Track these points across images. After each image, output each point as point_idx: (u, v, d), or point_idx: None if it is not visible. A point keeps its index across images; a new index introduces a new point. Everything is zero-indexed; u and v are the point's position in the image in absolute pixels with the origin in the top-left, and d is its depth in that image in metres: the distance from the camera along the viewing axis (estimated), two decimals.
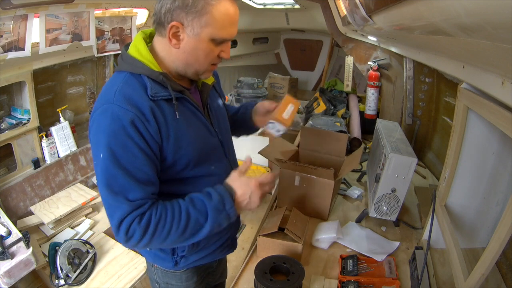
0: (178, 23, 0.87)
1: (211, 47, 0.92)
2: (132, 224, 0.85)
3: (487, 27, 0.42)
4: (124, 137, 0.85)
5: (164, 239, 0.89)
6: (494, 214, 1.11)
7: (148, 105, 0.88)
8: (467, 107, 1.07)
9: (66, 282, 1.83)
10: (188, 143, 0.96)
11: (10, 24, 1.80)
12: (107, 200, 0.87)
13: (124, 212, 0.85)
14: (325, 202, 1.55)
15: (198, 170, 1.02)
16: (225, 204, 0.93)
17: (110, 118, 0.85)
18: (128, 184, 0.86)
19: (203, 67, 0.96)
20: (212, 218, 0.92)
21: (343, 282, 1.17)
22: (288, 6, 3.37)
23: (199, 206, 0.92)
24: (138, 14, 2.66)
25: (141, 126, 0.86)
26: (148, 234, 0.87)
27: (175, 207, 0.91)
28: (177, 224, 0.89)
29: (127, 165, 0.86)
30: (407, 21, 0.75)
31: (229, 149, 1.16)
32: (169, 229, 0.88)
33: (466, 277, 0.91)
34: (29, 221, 2.14)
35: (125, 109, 0.85)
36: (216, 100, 1.15)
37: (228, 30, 0.91)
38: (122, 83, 0.90)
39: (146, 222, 0.86)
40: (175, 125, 0.93)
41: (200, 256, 1.13)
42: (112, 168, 0.85)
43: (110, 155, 0.84)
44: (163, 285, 1.18)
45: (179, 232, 0.89)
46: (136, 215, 0.86)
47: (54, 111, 2.48)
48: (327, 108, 2.77)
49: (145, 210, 0.87)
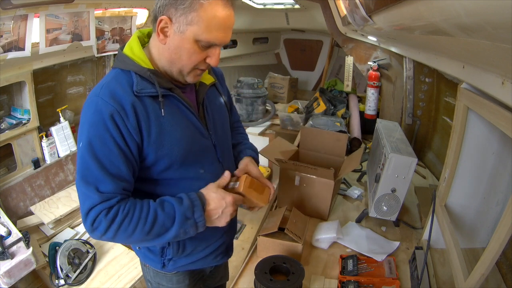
0: (167, 18, 0.87)
1: (195, 49, 0.89)
2: (99, 216, 0.87)
3: (487, 27, 0.42)
4: (102, 130, 0.87)
5: (128, 236, 0.90)
6: (494, 214, 1.11)
7: (130, 100, 0.89)
8: (467, 107, 1.07)
9: (66, 282, 1.83)
10: (173, 142, 0.95)
11: (10, 24, 1.80)
12: (80, 188, 0.89)
13: (93, 202, 0.87)
14: (325, 202, 1.55)
15: (185, 172, 1.00)
16: (194, 212, 0.93)
17: (93, 110, 0.88)
18: (100, 176, 0.87)
19: (186, 68, 0.94)
20: (178, 223, 0.92)
21: (343, 282, 1.17)
22: (288, 6, 3.37)
23: (168, 210, 0.92)
24: (138, 14, 2.66)
25: (119, 121, 0.87)
26: (113, 228, 0.88)
27: (144, 206, 0.91)
28: (143, 223, 0.89)
29: (102, 158, 0.87)
30: (407, 21, 0.75)
31: (224, 153, 1.12)
32: (134, 227, 0.89)
33: (466, 277, 0.91)
34: (29, 221, 2.14)
35: (107, 102, 0.87)
36: (216, 101, 1.12)
37: (215, 33, 0.88)
38: (110, 78, 0.92)
39: (112, 216, 0.87)
40: (159, 122, 0.92)
41: (190, 261, 1.11)
42: (88, 158, 0.87)
43: (88, 145, 0.87)
44: (155, 284, 1.18)
45: (144, 232, 0.90)
46: (104, 208, 0.87)
47: (54, 111, 2.48)
48: (327, 108, 2.77)
49: (113, 204, 0.88)
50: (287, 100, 3.72)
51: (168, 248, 1.06)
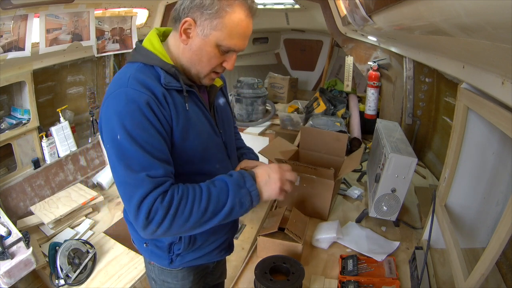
0: (191, 20, 0.90)
1: (215, 52, 0.93)
2: (155, 204, 0.83)
3: (487, 27, 0.42)
4: (140, 117, 0.86)
5: (185, 220, 0.86)
6: (494, 214, 1.11)
7: (161, 90, 0.90)
8: (467, 107, 1.07)
9: (66, 282, 1.83)
10: (196, 136, 0.97)
11: (10, 24, 1.80)
12: (125, 180, 0.85)
13: (146, 189, 0.83)
14: (325, 202, 1.55)
15: (204, 166, 1.03)
16: (245, 181, 0.94)
17: (125, 100, 0.86)
18: (147, 162, 0.85)
19: (204, 70, 0.98)
20: (233, 193, 0.91)
21: (343, 282, 1.17)
22: (288, 6, 3.37)
23: (220, 184, 0.92)
24: (138, 14, 2.66)
25: (156, 107, 0.87)
26: (170, 215, 0.84)
27: (196, 186, 0.91)
28: (199, 202, 0.87)
29: (145, 144, 0.85)
30: (407, 21, 0.75)
31: (232, 151, 1.17)
32: (190, 208, 0.86)
33: (466, 277, 0.91)
34: (29, 221, 2.14)
35: (140, 91, 0.87)
36: (222, 102, 1.17)
37: (236, 40, 0.92)
38: (135, 71, 0.92)
39: (169, 201, 0.84)
40: (184, 115, 0.95)
41: (196, 255, 1.13)
42: (130, 148, 0.84)
43: (127, 135, 0.84)
44: (160, 282, 1.19)
45: (201, 211, 0.87)
46: (159, 193, 0.84)
47: (54, 111, 2.48)
48: (327, 108, 2.77)
49: (167, 188, 0.86)
50: (287, 100, 3.72)
51: (177, 243, 1.08)
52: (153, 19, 2.82)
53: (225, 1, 0.88)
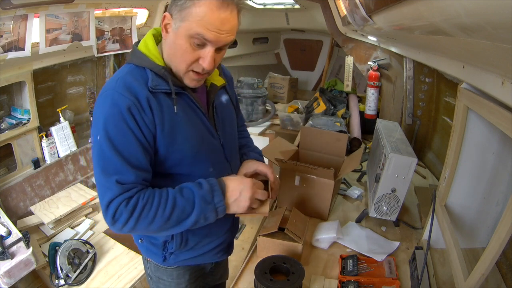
0: (169, 15, 0.90)
1: (186, 46, 0.89)
2: (120, 207, 0.87)
3: (487, 27, 0.42)
4: (120, 122, 0.88)
5: (149, 223, 0.90)
6: (494, 214, 1.11)
7: (145, 94, 0.91)
8: (467, 107, 1.07)
9: (66, 282, 1.83)
10: (184, 139, 0.96)
11: (10, 24, 1.80)
12: (100, 180, 0.90)
13: (114, 194, 0.88)
14: (325, 202, 1.55)
15: (195, 169, 1.01)
16: (214, 197, 0.94)
17: (110, 104, 0.89)
18: (121, 167, 0.88)
19: (180, 67, 0.94)
20: (199, 207, 0.92)
21: (343, 282, 1.17)
22: (288, 6, 3.37)
23: (187, 195, 0.93)
24: (138, 14, 2.66)
25: (136, 113, 0.89)
26: (134, 217, 0.88)
27: (163, 193, 0.92)
28: (163, 209, 0.90)
29: (122, 149, 0.88)
30: (407, 21, 0.75)
31: (232, 153, 1.14)
32: (154, 214, 0.89)
33: (466, 277, 0.91)
34: (29, 221, 2.14)
35: (123, 95, 0.88)
36: (225, 103, 1.14)
37: (203, 30, 0.86)
38: (125, 73, 0.94)
39: (133, 205, 0.88)
40: (172, 118, 0.94)
41: (191, 255, 1.12)
42: (107, 150, 0.88)
43: (106, 138, 0.88)
44: (155, 279, 1.19)
45: (164, 218, 0.90)
46: (124, 198, 0.88)
47: (54, 111, 2.48)
48: (327, 108, 2.77)
49: (133, 194, 0.89)
50: (287, 100, 3.72)
51: (170, 242, 1.07)
52: (153, 19, 2.82)
53: None
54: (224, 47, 0.94)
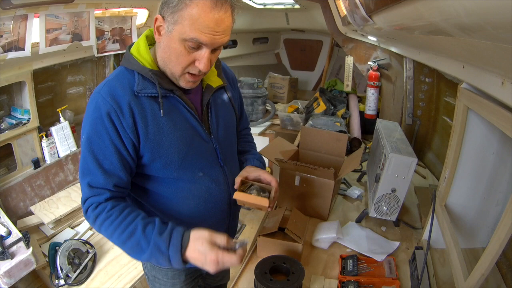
0: (161, 17, 0.89)
1: (181, 49, 0.88)
2: (89, 209, 0.93)
3: (487, 27, 0.42)
4: (99, 126, 0.90)
5: (109, 236, 0.93)
6: (494, 214, 1.11)
7: (127, 100, 0.91)
8: (467, 107, 1.07)
9: (66, 282, 1.83)
10: (170, 143, 0.95)
11: (10, 24, 1.80)
12: (80, 179, 0.96)
13: (86, 195, 0.93)
14: (325, 202, 1.55)
15: (183, 173, 0.99)
16: (169, 249, 0.86)
17: (93, 107, 0.91)
18: (93, 169, 0.91)
19: (176, 70, 0.92)
20: (150, 251, 0.87)
21: (343, 282, 1.17)
22: (288, 6, 3.37)
23: (148, 232, 0.88)
24: (138, 14, 2.66)
25: (115, 119, 0.90)
26: (97, 223, 0.92)
27: (129, 216, 0.90)
28: (120, 232, 0.89)
29: (97, 152, 0.91)
30: (407, 21, 0.75)
31: (226, 158, 1.09)
32: (112, 231, 0.90)
33: (466, 277, 0.91)
34: (29, 221, 2.14)
35: (105, 100, 0.90)
36: (223, 104, 1.10)
37: (197, 33, 0.84)
38: (113, 76, 0.95)
39: (98, 213, 0.91)
40: (157, 122, 0.93)
41: None
42: (85, 152, 0.92)
43: (87, 140, 0.91)
44: (151, 278, 1.19)
45: (120, 240, 0.90)
46: (93, 202, 0.92)
47: (54, 111, 2.48)
48: (327, 108, 2.77)
49: (101, 201, 0.92)
50: (287, 100, 3.72)
51: None
52: (153, 19, 2.81)
53: None
54: (219, 47, 0.92)
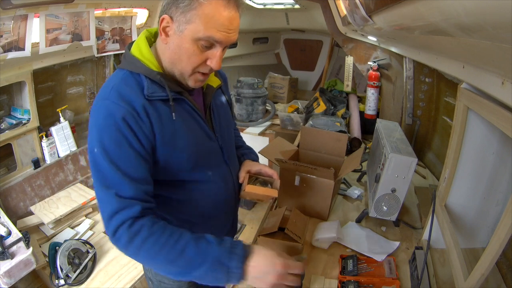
0: (168, 17, 0.86)
1: (194, 49, 0.87)
2: (122, 226, 0.82)
3: (487, 27, 0.42)
4: (116, 133, 0.84)
5: (151, 257, 0.83)
6: (494, 214, 1.11)
7: (141, 103, 0.87)
8: (467, 107, 1.07)
9: (66, 282, 1.83)
10: (184, 146, 0.94)
11: (10, 24, 1.80)
12: (98, 194, 0.86)
13: (114, 208, 0.83)
14: (325, 202, 1.55)
15: (194, 175, 0.99)
16: (231, 260, 0.82)
17: (104, 114, 0.84)
18: (119, 180, 0.83)
19: (186, 70, 0.91)
20: (208, 265, 0.82)
21: (343, 282, 1.17)
22: (288, 6, 3.37)
23: (202, 246, 0.84)
24: (138, 14, 2.66)
25: (133, 122, 0.85)
26: (133, 245, 0.82)
27: (175, 232, 0.84)
28: (168, 251, 0.82)
29: (118, 161, 0.84)
30: (407, 21, 0.75)
31: (230, 155, 1.12)
32: (156, 252, 0.82)
33: (466, 277, 0.91)
34: (29, 221, 2.14)
35: (118, 105, 0.84)
36: (221, 104, 1.12)
37: (213, 31, 0.84)
38: (119, 81, 0.89)
39: (135, 232, 0.82)
40: (170, 126, 0.91)
41: None
42: (104, 163, 0.83)
43: (102, 150, 0.83)
44: (156, 283, 1.18)
45: (168, 260, 0.82)
46: (127, 217, 0.82)
47: (54, 111, 2.48)
48: (327, 108, 2.77)
49: (137, 214, 0.83)
50: (287, 100, 3.72)
51: None
52: (153, 19, 2.82)
53: None
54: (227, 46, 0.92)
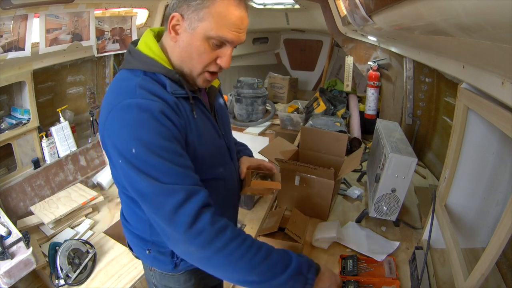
0: (179, 15, 0.86)
1: (205, 47, 0.87)
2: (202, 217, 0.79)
3: (487, 27, 0.42)
4: (157, 125, 0.80)
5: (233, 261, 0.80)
6: (494, 214, 1.11)
7: (171, 99, 0.86)
8: (467, 107, 1.07)
9: (66, 282, 1.83)
10: (204, 143, 0.95)
11: (10, 24, 1.80)
12: (151, 191, 0.80)
13: (181, 198, 0.79)
14: (325, 202, 1.55)
15: (210, 171, 1.00)
16: (309, 271, 0.90)
17: (137, 111, 0.80)
18: (172, 169, 0.80)
19: (196, 68, 0.91)
20: (290, 273, 0.85)
21: (343, 282, 1.17)
22: (288, 6, 3.37)
23: (284, 255, 0.88)
24: (138, 14, 2.66)
25: (170, 114, 0.83)
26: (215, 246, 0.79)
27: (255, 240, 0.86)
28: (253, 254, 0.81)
29: (165, 153, 0.80)
30: (407, 21, 0.75)
31: (233, 153, 1.15)
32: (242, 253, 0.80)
33: (466, 277, 0.91)
34: (29, 221, 2.14)
35: (152, 100, 0.82)
36: (220, 103, 1.15)
37: (225, 30, 0.85)
38: (140, 79, 0.86)
39: (221, 228, 0.80)
40: (193, 123, 0.91)
41: None
42: (149, 158, 0.79)
43: (143, 146, 0.79)
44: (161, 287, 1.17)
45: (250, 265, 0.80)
46: (201, 202, 0.80)
47: (54, 111, 2.48)
48: (327, 108, 2.77)
49: (207, 199, 0.82)
50: (287, 100, 3.72)
51: None
52: (153, 19, 2.82)
53: None
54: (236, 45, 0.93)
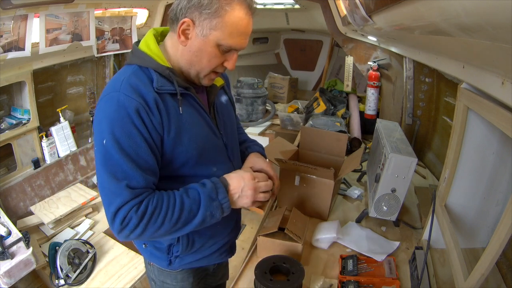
0: (190, 21, 0.89)
1: (216, 52, 0.92)
2: (130, 212, 0.86)
3: (487, 27, 0.42)
4: (128, 125, 0.86)
5: (157, 228, 0.89)
6: (494, 214, 1.11)
7: (153, 96, 0.89)
8: (467, 107, 1.07)
9: (66, 282, 1.83)
10: (189, 140, 0.96)
11: (10, 24, 1.80)
12: (107, 186, 0.87)
13: (124, 199, 0.85)
14: (325, 202, 1.55)
15: (199, 170, 1.01)
16: (218, 193, 0.94)
17: (116, 106, 0.86)
18: (131, 171, 0.86)
19: (204, 70, 0.96)
20: (204, 206, 0.92)
21: (343, 282, 1.17)
22: (288, 6, 3.37)
23: (193, 194, 0.93)
24: (138, 14, 2.67)
25: (145, 115, 0.87)
26: (143, 223, 0.87)
27: (171, 196, 0.92)
28: (171, 212, 0.89)
29: (131, 152, 0.86)
30: (407, 21, 0.75)
31: (234, 152, 1.15)
32: (163, 218, 0.89)
33: (466, 277, 0.91)
34: (29, 221, 2.14)
35: (131, 97, 0.87)
36: (224, 102, 1.15)
37: (237, 39, 0.92)
38: (130, 74, 0.92)
39: (143, 210, 0.87)
40: (177, 120, 0.94)
41: (196, 258, 1.12)
42: (115, 154, 0.85)
43: (113, 141, 0.85)
44: (159, 283, 1.18)
45: (173, 221, 0.90)
46: (135, 204, 0.86)
47: (54, 111, 2.48)
48: (327, 108, 2.77)
49: (143, 199, 0.88)
50: (287, 100, 3.72)
51: (176, 245, 1.07)
52: (153, 19, 2.82)
53: (224, 0, 0.87)
54: None
